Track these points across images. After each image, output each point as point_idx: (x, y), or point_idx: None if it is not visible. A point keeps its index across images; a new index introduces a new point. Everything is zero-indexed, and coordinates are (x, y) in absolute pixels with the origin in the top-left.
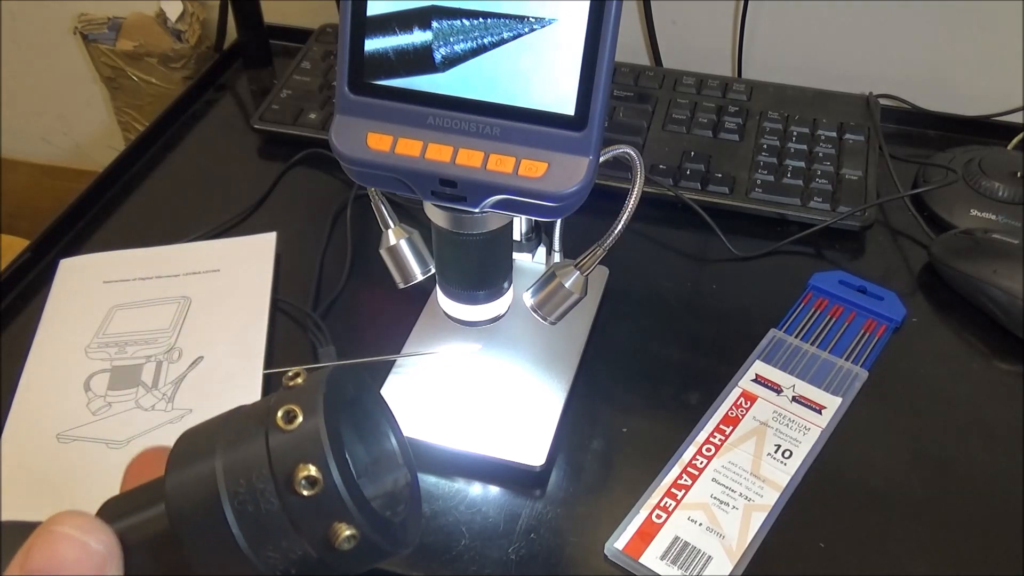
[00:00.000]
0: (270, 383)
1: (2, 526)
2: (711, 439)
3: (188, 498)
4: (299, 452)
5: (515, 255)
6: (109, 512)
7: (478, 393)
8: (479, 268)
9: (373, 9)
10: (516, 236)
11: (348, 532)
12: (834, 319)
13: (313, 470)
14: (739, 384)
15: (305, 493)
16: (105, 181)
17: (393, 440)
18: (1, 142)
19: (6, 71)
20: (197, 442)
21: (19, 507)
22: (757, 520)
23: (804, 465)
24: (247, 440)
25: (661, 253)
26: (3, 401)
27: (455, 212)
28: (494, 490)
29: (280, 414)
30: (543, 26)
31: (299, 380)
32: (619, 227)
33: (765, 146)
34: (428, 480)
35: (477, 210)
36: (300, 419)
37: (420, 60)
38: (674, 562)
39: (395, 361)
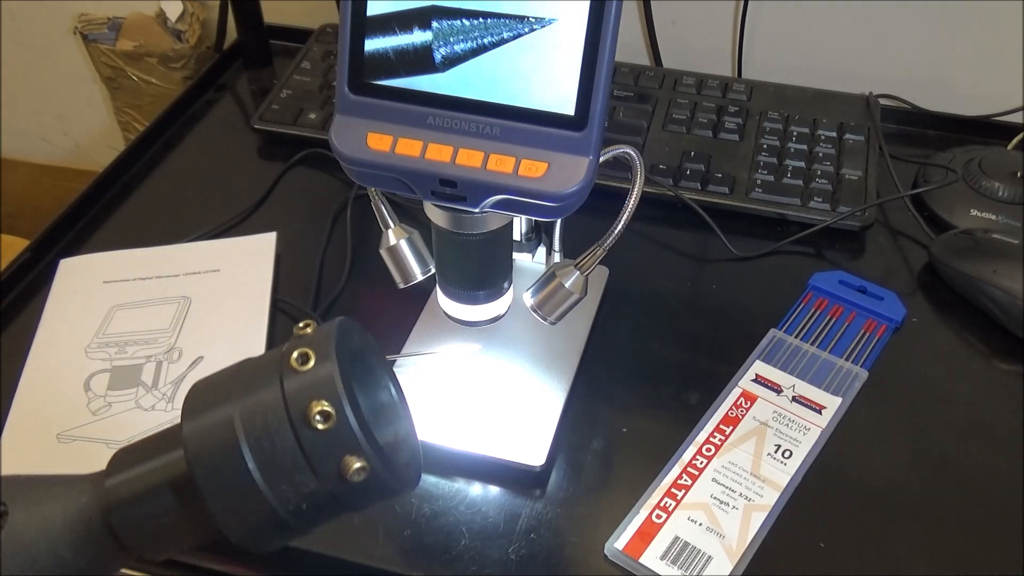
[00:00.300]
0: None
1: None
2: (711, 439)
3: (206, 440)
4: (314, 390)
5: (515, 255)
6: (121, 461)
7: (478, 393)
8: (479, 268)
9: (373, 9)
10: (516, 236)
11: (359, 464)
12: (834, 319)
13: (327, 405)
14: (739, 384)
15: (320, 427)
16: (105, 181)
17: (393, 392)
18: (1, 142)
19: (6, 71)
20: (211, 390)
21: None
22: (757, 520)
23: (804, 465)
24: (262, 383)
25: (661, 253)
26: (3, 401)
27: (455, 212)
28: (494, 490)
29: (295, 356)
30: (543, 26)
31: (308, 330)
32: (619, 227)
33: (765, 146)
34: (428, 480)
35: (477, 210)
36: (313, 361)
37: (420, 60)
38: (674, 562)
39: (395, 361)
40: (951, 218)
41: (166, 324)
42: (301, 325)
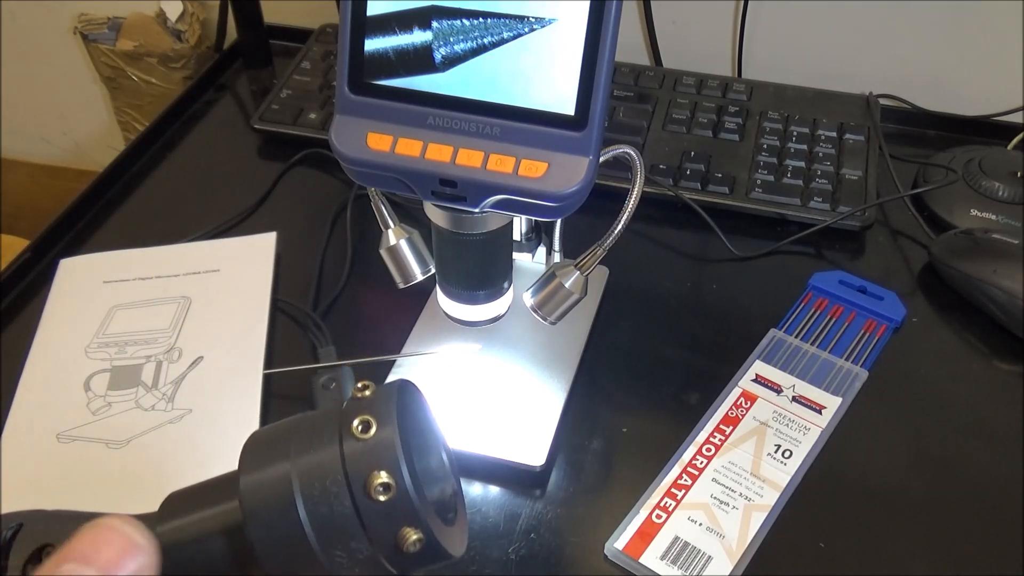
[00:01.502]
0: (270, 383)
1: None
2: (711, 439)
3: (263, 496)
4: (374, 459)
5: (515, 255)
6: (174, 505)
7: (478, 393)
8: (479, 268)
9: (373, 9)
10: (516, 236)
11: (415, 536)
12: (834, 319)
13: (386, 477)
14: (739, 384)
15: (381, 498)
16: (105, 181)
17: (443, 453)
18: (1, 142)
19: (6, 71)
20: (270, 445)
21: (19, 507)
22: (757, 520)
23: (804, 465)
24: (322, 446)
25: (661, 253)
26: (3, 401)
27: (455, 212)
28: (494, 490)
29: (356, 423)
30: (543, 26)
31: (368, 392)
32: (619, 227)
33: (765, 146)
34: None
35: (477, 210)
36: (374, 429)
37: (420, 60)
38: (674, 562)
39: (395, 361)
40: (951, 218)
41: (166, 324)
42: (360, 386)
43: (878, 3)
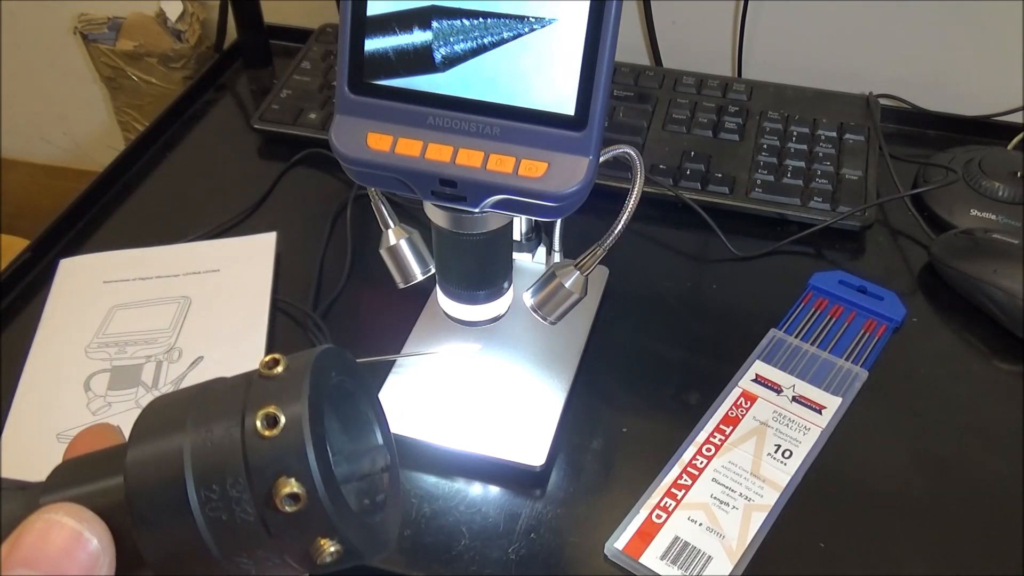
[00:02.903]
0: None
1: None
2: (711, 439)
3: (150, 494)
4: (280, 465)
5: (515, 255)
6: (60, 476)
7: (478, 393)
8: (479, 268)
9: (373, 9)
10: (516, 236)
11: (332, 548)
12: (834, 319)
13: (296, 486)
14: (739, 384)
15: (288, 510)
16: (105, 181)
17: (376, 427)
18: (1, 142)
19: (6, 71)
20: (166, 419)
21: None
22: (757, 520)
23: (804, 465)
24: (221, 439)
25: (661, 253)
26: (3, 401)
27: (455, 212)
28: (494, 490)
29: (260, 419)
30: (543, 26)
31: (278, 370)
32: (619, 227)
33: (765, 146)
34: (428, 480)
35: (477, 210)
36: (282, 423)
37: (420, 60)
38: (674, 562)
39: (395, 361)
40: (951, 218)
41: (166, 324)
42: (267, 361)
43: (878, 3)
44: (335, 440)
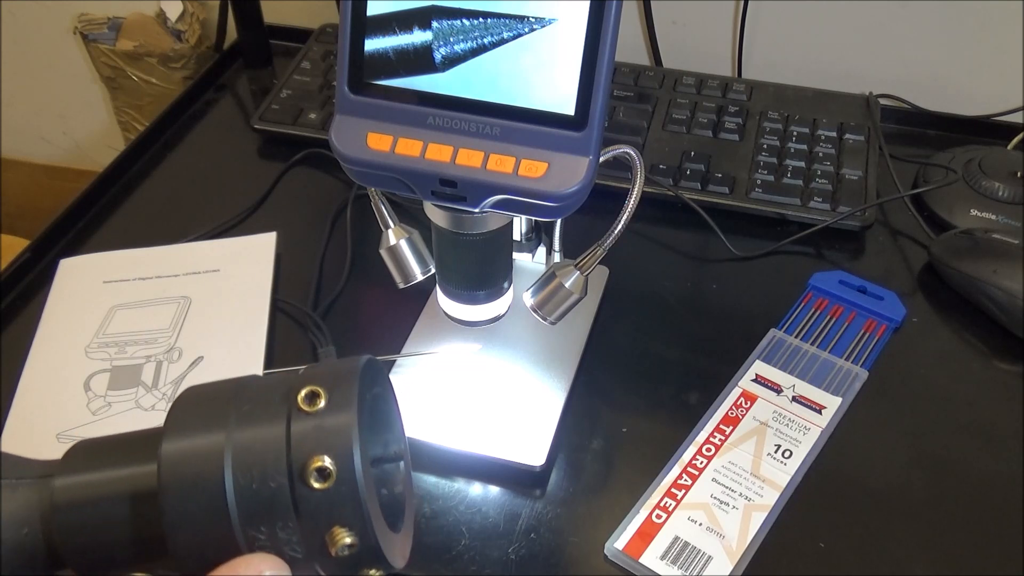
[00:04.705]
0: None
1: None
2: (711, 439)
3: (185, 468)
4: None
5: (515, 255)
6: (79, 457)
7: (478, 393)
8: (479, 268)
9: (373, 9)
10: (516, 236)
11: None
12: (834, 319)
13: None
14: (739, 384)
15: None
16: (105, 181)
17: (399, 441)
18: (1, 142)
19: (6, 71)
20: (208, 406)
21: None
22: (757, 520)
23: (804, 465)
24: (267, 416)
25: (661, 253)
26: (3, 401)
27: (455, 212)
28: (494, 490)
29: (311, 474)
30: (543, 26)
31: (320, 405)
32: (619, 227)
33: (765, 146)
34: (428, 480)
35: (477, 210)
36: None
37: (420, 60)
38: (674, 562)
39: (395, 361)
40: (951, 218)
41: (166, 324)
42: (306, 394)
43: (878, 3)
44: (367, 443)
